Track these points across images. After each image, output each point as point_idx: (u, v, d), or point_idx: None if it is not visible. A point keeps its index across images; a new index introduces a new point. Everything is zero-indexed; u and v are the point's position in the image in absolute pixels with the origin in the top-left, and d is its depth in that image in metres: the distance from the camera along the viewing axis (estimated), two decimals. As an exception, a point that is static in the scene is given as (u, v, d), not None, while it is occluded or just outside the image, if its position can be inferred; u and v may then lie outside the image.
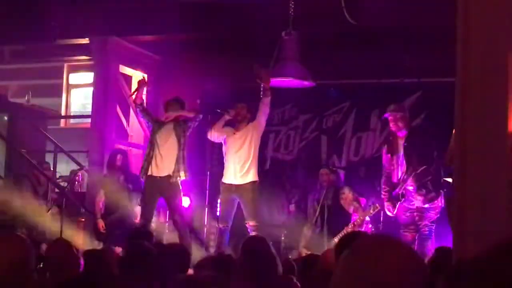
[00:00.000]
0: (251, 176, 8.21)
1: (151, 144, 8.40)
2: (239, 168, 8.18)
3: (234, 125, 8.37)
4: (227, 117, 8.33)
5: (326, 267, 3.52)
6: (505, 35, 3.52)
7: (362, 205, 8.47)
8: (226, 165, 8.35)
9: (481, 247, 1.70)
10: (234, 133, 8.29)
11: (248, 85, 9.42)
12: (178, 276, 3.50)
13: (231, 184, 8.25)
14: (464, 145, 3.29)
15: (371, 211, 8.18)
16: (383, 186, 7.83)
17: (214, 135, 8.43)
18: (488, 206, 3.03)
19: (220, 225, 8.27)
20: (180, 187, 8.35)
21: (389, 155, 7.81)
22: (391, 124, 7.75)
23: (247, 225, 8.04)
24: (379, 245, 1.77)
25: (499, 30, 3.46)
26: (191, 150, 8.83)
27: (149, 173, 8.26)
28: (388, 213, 7.82)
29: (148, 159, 8.33)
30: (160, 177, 8.24)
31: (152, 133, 8.46)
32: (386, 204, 7.79)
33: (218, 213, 8.78)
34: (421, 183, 7.50)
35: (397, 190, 7.62)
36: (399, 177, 7.68)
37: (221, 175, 8.45)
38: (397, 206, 7.62)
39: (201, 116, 8.43)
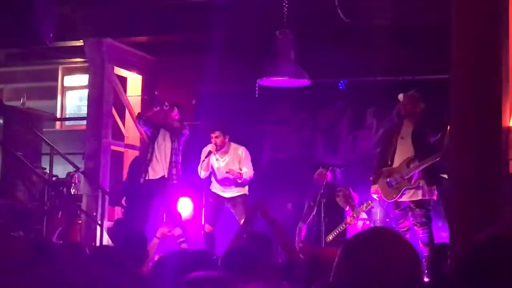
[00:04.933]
0: (241, 190, 8.33)
1: (149, 148, 8.47)
2: (227, 188, 8.30)
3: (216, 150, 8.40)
4: (211, 152, 8.33)
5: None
6: (498, 31, 3.54)
7: (357, 203, 8.49)
8: (213, 180, 8.43)
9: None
10: (217, 159, 8.35)
11: (243, 86, 9.43)
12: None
13: (220, 196, 8.37)
14: (459, 141, 3.32)
15: (364, 208, 8.20)
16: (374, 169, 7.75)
17: (204, 174, 8.47)
18: (484, 200, 3.05)
19: (207, 229, 8.35)
20: (177, 189, 8.39)
21: (388, 134, 7.78)
22: (400, 107, 7.70)
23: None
24: (369, 237, 1.93)
25: (492, 26, 3.48)
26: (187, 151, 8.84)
27: (147, 177, 8.32)
28: (374, 196, 7.71)
29: (146, 163, 8.40)
30: (155, 179, 8.28)
31: (150, 137, 8.55)
32: (372, 187, 7.70)
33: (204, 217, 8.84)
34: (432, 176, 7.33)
35: (399, 177, 7.39)
36: (396, 161, 7.52)
37: None
38: (402, 191, 7.39)
39: (185, 135, 8.49)
